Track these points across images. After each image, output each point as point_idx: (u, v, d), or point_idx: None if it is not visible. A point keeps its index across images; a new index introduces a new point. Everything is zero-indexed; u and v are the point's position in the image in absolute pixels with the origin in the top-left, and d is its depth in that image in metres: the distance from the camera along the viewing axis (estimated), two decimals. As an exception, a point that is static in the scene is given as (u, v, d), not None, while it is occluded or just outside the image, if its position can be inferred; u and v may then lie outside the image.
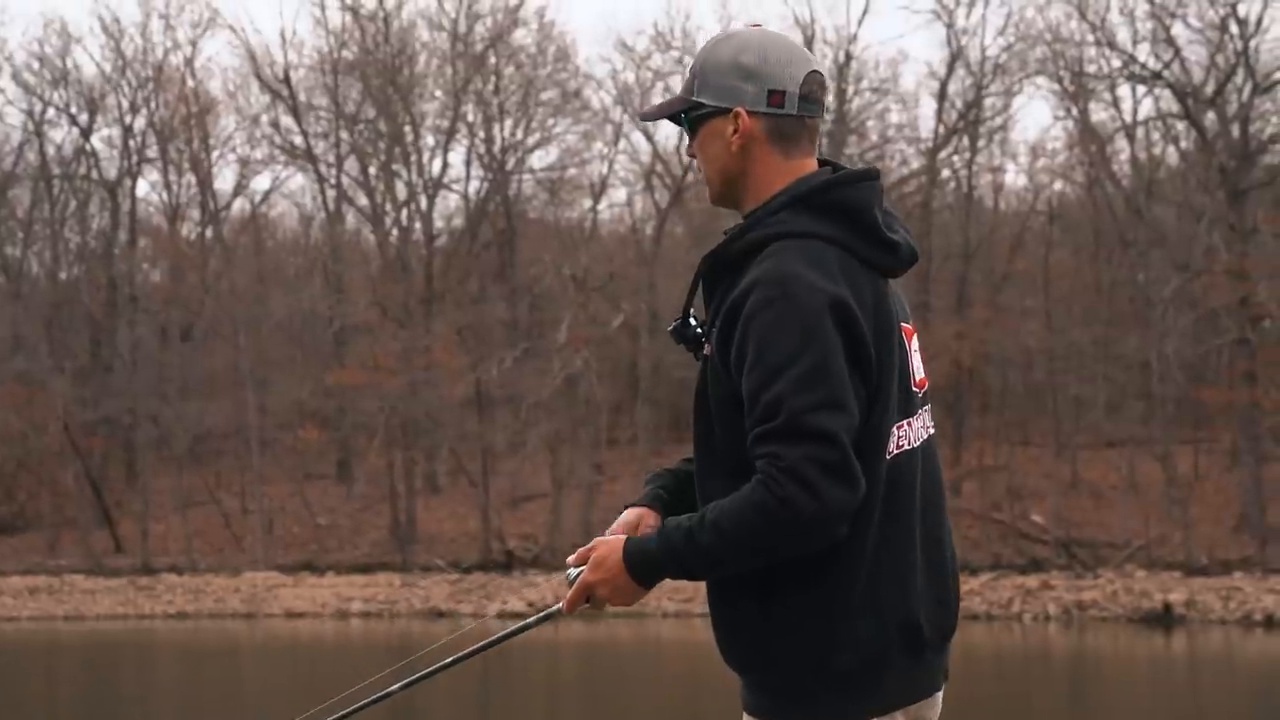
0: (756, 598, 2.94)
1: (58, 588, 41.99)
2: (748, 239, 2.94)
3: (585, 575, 2.98)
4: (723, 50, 3.02)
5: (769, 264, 2.87)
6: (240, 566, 42.76)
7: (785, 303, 2.83)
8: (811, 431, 2.79)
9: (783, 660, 2.93)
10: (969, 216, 45.66)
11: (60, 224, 52.21)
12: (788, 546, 2.84)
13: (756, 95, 2.98)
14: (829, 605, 2.92)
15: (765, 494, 2.80)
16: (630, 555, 2.93)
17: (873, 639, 2.93)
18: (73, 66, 51.20)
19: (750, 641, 2.97)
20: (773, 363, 2.82)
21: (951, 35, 44.76)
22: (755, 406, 2.84)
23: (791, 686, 2.94)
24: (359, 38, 48.71)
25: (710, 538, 2.84)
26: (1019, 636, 33.03)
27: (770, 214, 2.96)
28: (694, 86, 3.03)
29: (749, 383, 2.85)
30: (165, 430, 45.94)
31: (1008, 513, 39.99)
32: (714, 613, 3.03)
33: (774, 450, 2.80)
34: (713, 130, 3.02)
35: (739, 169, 3.02)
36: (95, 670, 29.88)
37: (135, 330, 48.39)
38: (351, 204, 50.65)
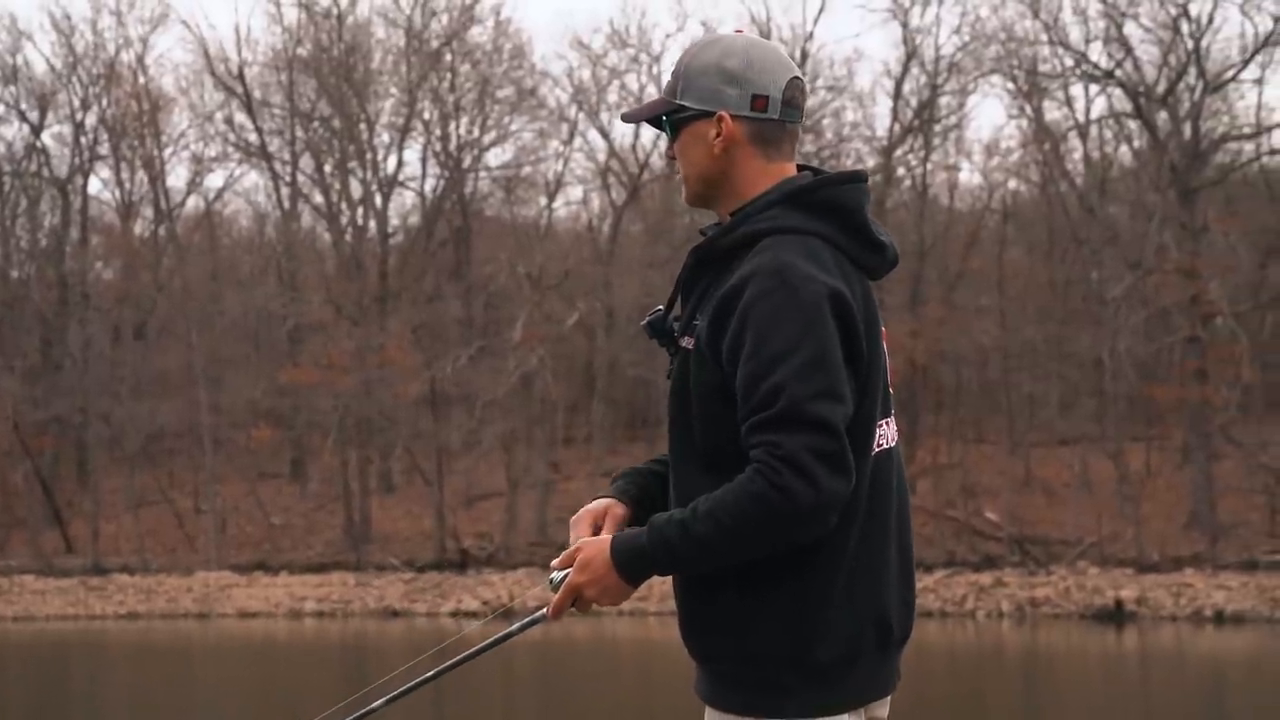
0: (734, 589, 2.93)
1: (7, 588, 41.61)
2: (739, 234, 2.97)
3: (572, 577, 2.95)
4: (706, 54, 3.04)
5: (766, 256, 2.90)
6: (193, 566, 42.49)
7: (785, 293, 2.85)
8: (810, 420, 2.81)
9: (760, 652, 2.93)
10: (923, 215, 45.81)
11: (11, 222, 51.75)
12: (785, 537, 2.84)
13: (740, 99, 3.01)
14: (810, 598, 2.92)
15: (764, 484, 2.80)
16: (619, 553, 2.91)
17: (849, 634, 2.95)
18: (23, 63, 50.80)
19: (725, 633, 2.96)
20: (772, 351, 2.83)
21: (907, 34, 44.93)
22: (753, 395, 2.84)
23: (766, 679, 2.94)
24: (314, 34, 48.50)
25: (706, 529, 2.83)
26: (972, 633, 33.14)
27: (761, 210, 2.98)
28: (677, 89, 3.06)
29: (746, 371, 2.86)
30: (117, 429, 45.60)
31: (961, 510, 40.15)
32: (685, 603, 3.02)
33: (772, 439, 2.81)
34: (695, 133, 3.04)
35: (719, 171, 3.04)
36: (45, 671, 29.62)
37: (86, 329, 48.01)
38: (307, 201, 50.42)
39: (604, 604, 2.95)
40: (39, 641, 35.54)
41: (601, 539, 2.96)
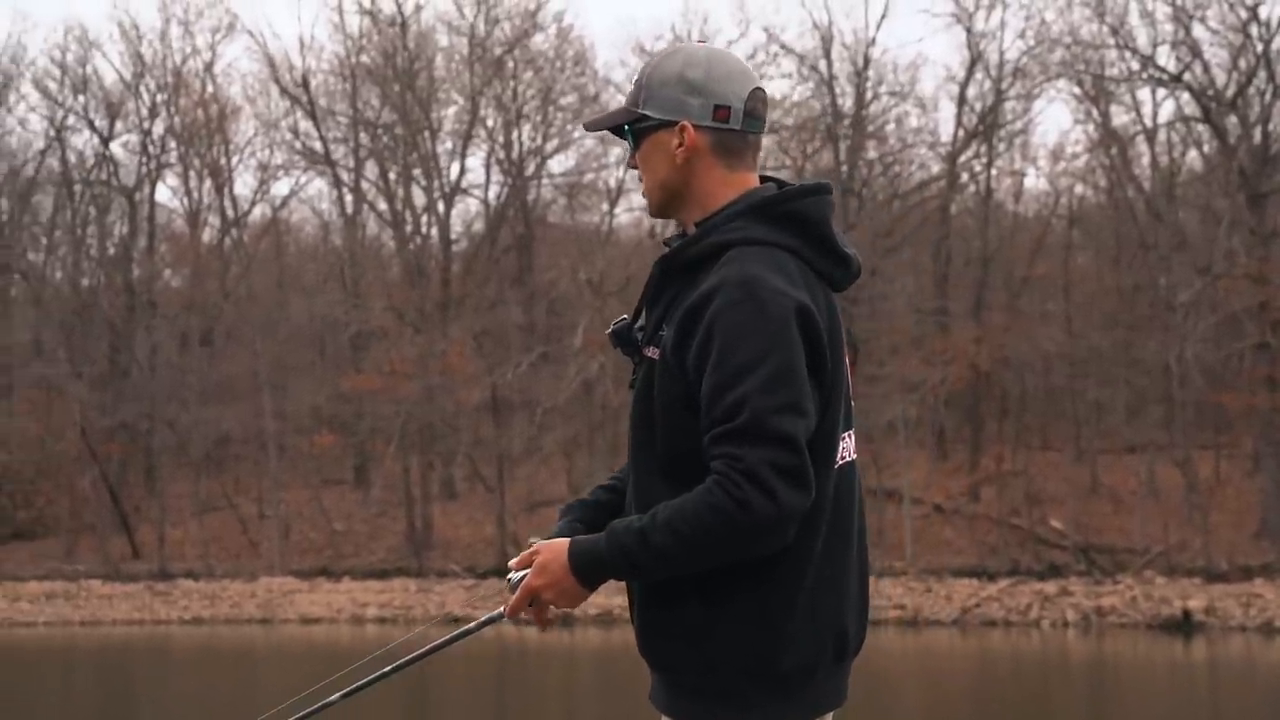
0: (697, 598, 2.93)
1: (75, 593, 42.01)
2: (704, 244, 2.97)
3: (529, 579, 2.96)
4: (669, 65, 3.04)
5: (732, 268, 2.90)
6: (257, 572, 42.74)
7: (751, 305, 2.85)
8: (772, 434, 2.81)
9: (721, 661, 2.92)
10: (988, 221, 45.45)
11: (82, 230, 52.34)
12: (742, 549, 2.84)
13: (702, 109, 3.01)
14: (772, 608, 2.92)
15: (723, 496, 2.80)
16: (576, 558, 2.92)
17: (810, 645, 2.95)
18: (93, 73, 51.44)
19: (686, 642, 2.95)
20: (737, 364, 2.83)
21: (971, 39, 44.63)
22: (715, 406, 2.84)
23: (726, 688, 2.93)
24: (377, 42, 48.75)
25: (664, 538, 2.83)
26: (1037, 642, 32.79)
27: (727, 221, 2.98)
28: (639, 99, 3.06)
29: (710, 382, 2.86)
30: (183, 436, 45.97)
31: (1026, 518, 39.76)
32: (644, 611, 3.01)
33: (734, 451, 2.81)
34: (656, 142, 3.04)
35: (681, 181, 3.04)
36: (112, 675, 29.86)
37: (154, 336, 48.44)
38: (372, 209, 50.69)
39: (560, 606, 2.96)
40: (106, 645, 35.84)
41: (559, 542, 2.97)
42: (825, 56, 45.41)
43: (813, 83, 46.22)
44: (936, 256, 45.46)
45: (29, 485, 46.77)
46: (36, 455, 46.36)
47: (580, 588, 2.93)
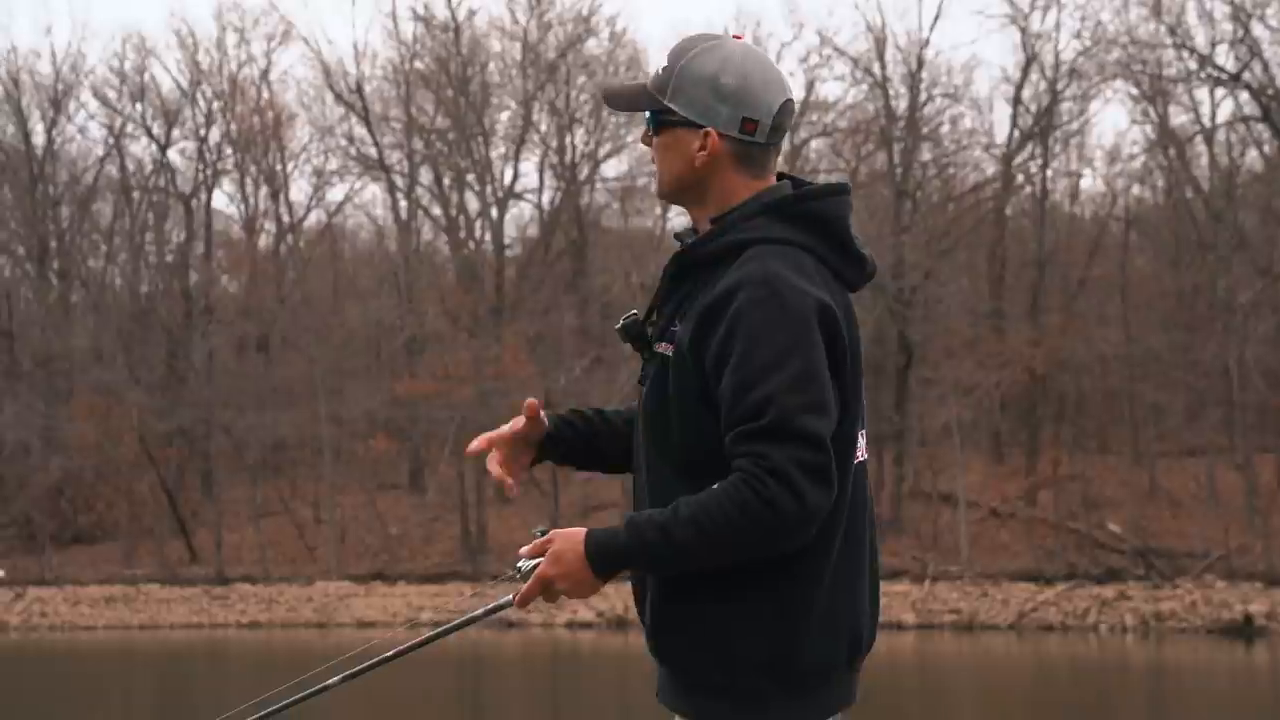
0: (715, 596, 2.92)
1: (134, 597, 42.35)
2: (723, 242, 2.96)
3: (543, 569, 2.92)
4: (704, 63, 2.99)
5: (753, 266, 2.89)
6: (312, 576, 42.94)
7: (774, 304, 2.85)
8: (799, 433, 2.80)
9: (740, 660, 2.92)
10: (1043, 222, 45.12)
11: (140, 237, 52.78)
12: (765, 547, 2.84)
13: (730, 119, 2.98)
14: (792, 607, 2.92)
15: (750, 494, 2.79)
16: (593, 548, 2.89)
17: (827, 644, 2.95)
18: (150, 81, 51.82)
19: (704, 640, 2.94)
20: (761, 362, 2.83)
21: (1026, 39, 44.34)
22: (739, 404, 2.84)
23: (744, 687, 2.93)
24: (431, 48, 48.93)
25: (686, 534, 2.82)
26: (1095, 647, 32.51)
27: (745, 219, 2.97)
28: (667, 88, 3.01)
29: (733, 380, 2.85)
30: (239, 440, 46.24)
31: (1084, 522, 39.43)
32: (659, 609, 2.99)
33: (760, 450, 2.80)
34: (677, 138, 3.01)
35: (696, 180, 3.02)
36: (169, 679, 30.06)
37: (210, 341, 48.77)
38: (426, 214, 50.87)
39: (572, 596, 2.93)
40: (164, 649, 36.11)
41: (574, 531, 2.92)
42: (879, 59, 45.24)
43: (866, 85, 46.07)
44: (991, 259, 45.17)
45: (89, 490, 47.17)
46: (96, 460, 46.74)
47: (594, 578, 2.90)
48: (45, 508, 46.03)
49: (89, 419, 45.91)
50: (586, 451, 3.25)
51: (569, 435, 3.22)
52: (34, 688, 27.60)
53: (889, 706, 24.05)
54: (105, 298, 52.78)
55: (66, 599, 42.68)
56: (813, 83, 46.98)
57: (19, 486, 47.37)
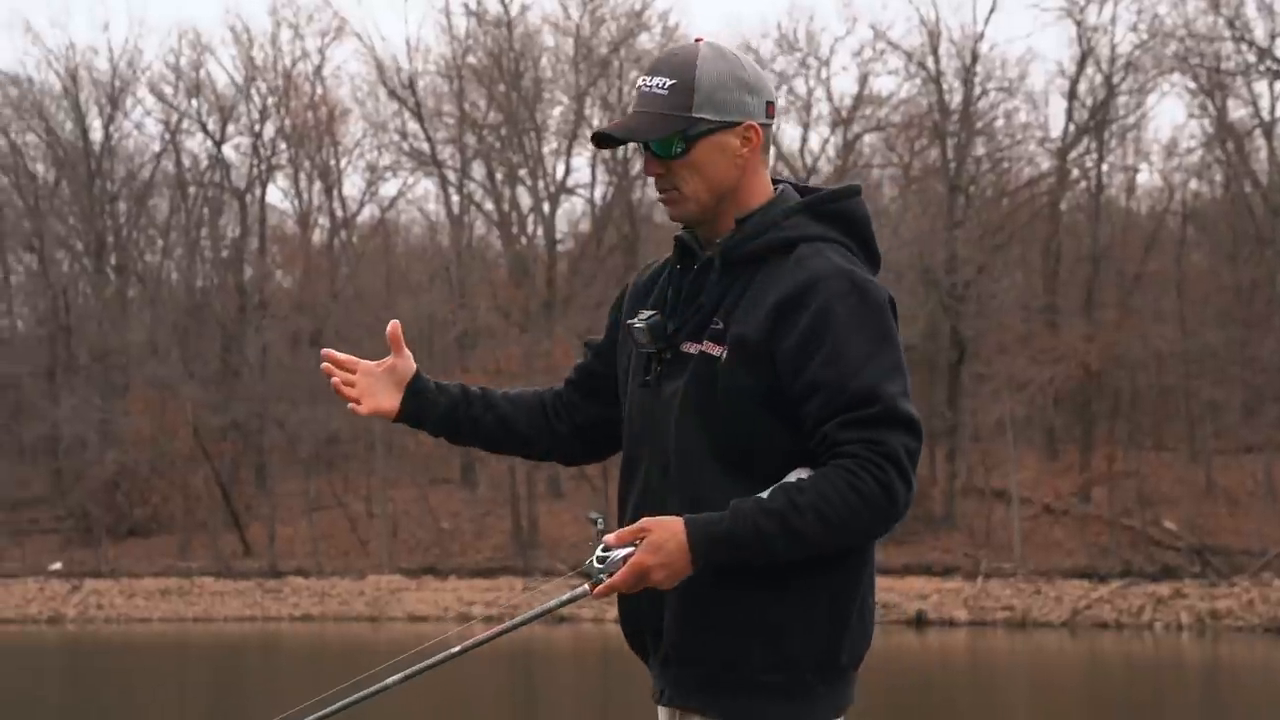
0: (768, 593, 2.91)
1: (188, 590, 42.65)
2: (768, 239, 2.98)
3: (643, 557, 2.85)
4: (717, 65, 3.01)
5: (821, 262, 2.93)
6: (365, 570, 43.12)
7: (858, 296, 2.90)
8: (906, 419, 2.87)
9: (798, 656, 2.92)
10: (1098, 217, 44.76)
11: (196, 232, 53.14)
12: (878, 532, 2.89)
13: (760, 108, 3.03)
14: (839, 601, 2.95)
15: (870, 480, 2.82)
16: (697, 536, 2.85)
17: (861, 637, 3.00)
18: (206, 77, 52.13)
19: (759, 637, 2.92)
20: (861, 352, 2.87)
21: (1081, 33, 44.01)
22: (842, 393, 2.86)
23: (796, 682, 2.93)
24: (483, 42, 49.00)
25: (807, 522, 2.82)
26: (1150, 646, 32.25)
27: (784, 217, 3.00)
28: (690, 103, 2.99)
29: (830, 372, 2.87)
30: (293, 434, 46.48)
31: (1138, 519, 39.10)
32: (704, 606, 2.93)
33: (874, 436, 2.84)
34: (716, 145, 3.01)
35: (734, 182, 3.03)
36: (223, 671, 30.25)
37: (264, 336, 49.05)
38: (478, 209, 50.97)
39: (665, 586, 2.88)
40: (218, 642, 36.34)
41: (669, 520, 2.87)
42: (933, 53, 45.00)
43: (920, 79, 45.84)
44: (1046, 254, 44.86)
45: (144, 484, 47.52)
46: (151, 454, 47.10)
47: (690, 567, 2.86)
48: (101, 501, 46.42)
49: (145, 413, 46.27)
50: (450, 410, 3.29)
51: (432, 388, 3.28)
52: (91, 680, 27.85)
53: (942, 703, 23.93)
54: (161, 293, 53.17)
55: (122, 591, 43.04)
56: (866, 77, 46.84)
57: (76, 480, 47.80)
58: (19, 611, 42.21)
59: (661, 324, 3.02)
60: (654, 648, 3.03)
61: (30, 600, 43.04)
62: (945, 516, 41.15)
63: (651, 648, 3.04)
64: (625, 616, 3.09)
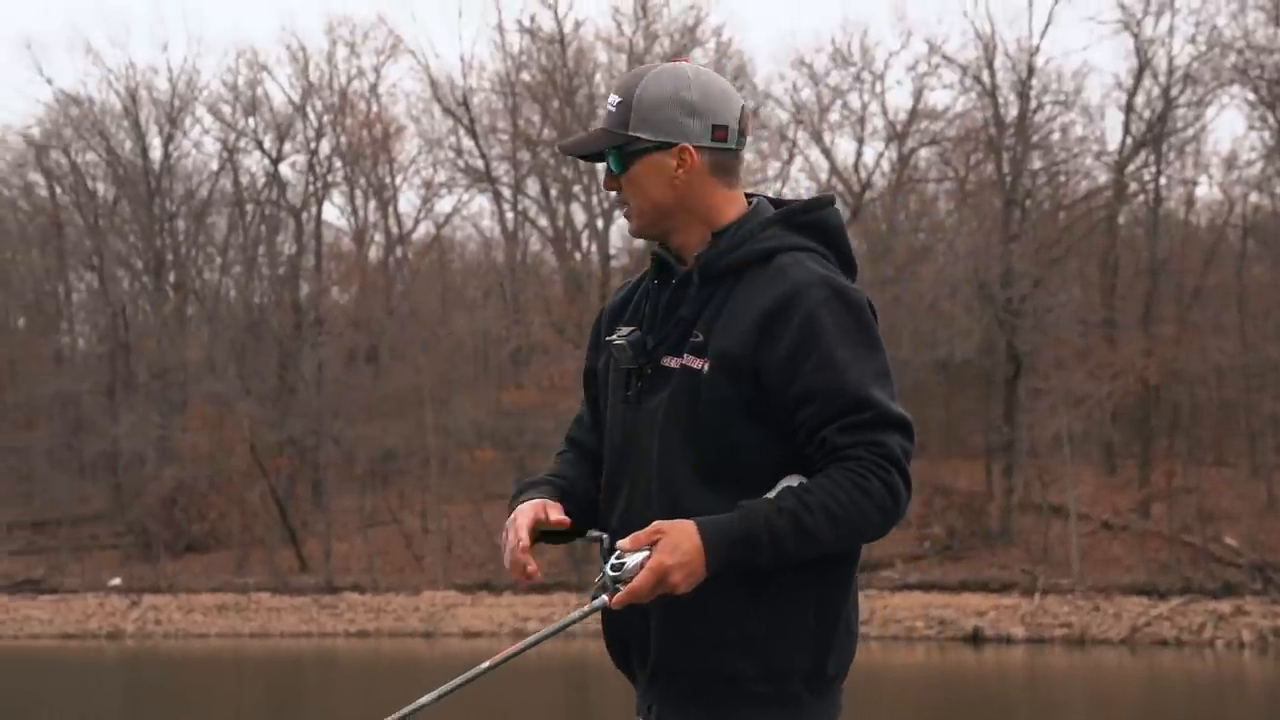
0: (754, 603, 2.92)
1: (245, 605, 42.88)
2: (746, 251, 3.00)
3: (662, 559, 2.82)
4: (660, 85, 3.03)
5: (803, 270, 2.95)
6: (420, 586, 43.20)
7: (841, 304, 2.93)
8: (901, 421, 2.91)
9: (785, 668, 2.93)
10: (1157, 231, 44.38)
11: (253, 249, 53.52)
12: (879, 533, 2.91)
13: (701, 131, 3.02)
14: (828, 612, 2.96)
15: (876, 481, 2.85)
16: (713, 537, 2.84)
17: (847, 649, 3.01)
18: (263, 95, 52.52)
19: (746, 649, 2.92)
20: (850, 357, 2.90)
21: (1139, 45, 43.67)
22: (835, 401, 2.89)
23: (785, 694, 2.94)
24: (537, 59, 49.15)
25: (817, 522, 2.84)
26: (1211, 663, 31.88)
27: (761, 229, 3.03)
28: (629, 120, 3.03)
29: (821, 379, 2.89)
30: (348, 450, 46.66)
31: (1199, 535, 38.67)
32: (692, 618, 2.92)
33: (876, 438, 2.87)
34: (651, 164, 3.03)
35: (675, 202, 3.04)
36: (279, 687, 30.36)
37: (320, 352, 49.30)
38: (533, 225, 51.09)
39: (683, 589, 2.84)
40: (274, 657, 36.50)
41: (683, 523, 2.85)
42: (988, 66, 44.77)
43: (975, 93, 45.61)
44: (1103, 267, 44.52)
45: (202, 499, 47.84)
46: (209, 470, 47.42)
47: (705, 569, 2.84)
48: (160, 517, 46.75)
49: (202, 429, 46.61)
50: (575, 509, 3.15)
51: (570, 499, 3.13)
52: (149, 695, 28.01)
53: (999, 721, 23.73)
54: (219, 310, 53.57)
55: (180, 606, 43.33)
56: (921, 91, 46.67)
57: (135, 496, 48.18)
58: (79, 626, 42.58)
59: (641, 340, 3.04)
60: (640, 663, 3.02)
61: (90, 615, 43.41)
62: (1002, 532, 40.85)
63: (638, 663, 3.03)
64: (610, 633, 3.06)
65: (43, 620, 43.31)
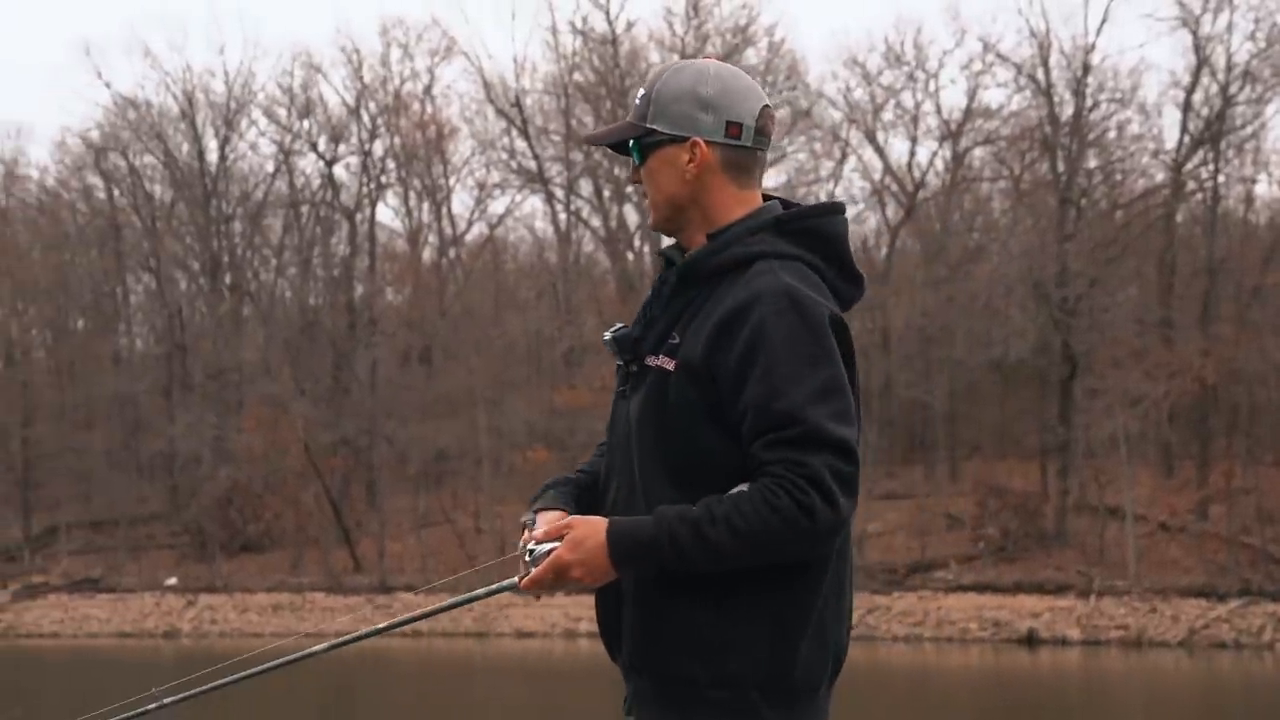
0: (714, 608, 2.93)
1: (300, 605, 43.09)
2: (728, 255, 3.00)
3: (561, 553, 2.92)
4: (679, 80, 3.06)
5: (768, 279, 2.94)
6: (474, 585, 43.19)
7: (796, 315, 2.90)
8: (833, 441, 2.86)
9: (738, 675, 2.92)
10: (1214, 229, 43.94)
11: (308, 250, 53.81)
12: (794, 552, 2.88)
13: (715, 126, 3.04)
14: (790, 623, 2.94)
15: (788, 499, 2.83)
16: (616, 538, 2.90)
17: (817, 661, 2.97)
18: (317, 97, 52.77)
19: (702, 654, 2.93)
20: (790, 372, 2.88)
21: (1197, 42, 43.24)
22: (768, 413, 2.87)
23: (740, 701, 2.92)
24: (589, 60, 49.18)
25: (720, 535, 2.84)
26: (1271, 666, 31.52)
27: (749, 234, 3.02)
28: (647, 114, 3.07)
29: (759, 390, 2.89)
30: (401, 451, 46.81)
31: (1258, 536, 38.26)
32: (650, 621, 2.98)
33: (796, 457, 2.84)
34: (665, 157, 3.06)
35: (689, 197, 3.06)
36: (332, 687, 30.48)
37: (374, 353, 49.51)
38: (586, 225, 51.12)
39: (584, 583, 2.93)
40: (329, 657, 36.53)
41: (595, 519, 2.93)
42: (1043, 64, 44.47)
43: (1030, 92, 45.31)
44: (1160, 267, 44.13)
45: (257, 500, 48.11)
46: (264, 470, 47.69)
47: (610, 569, 2.90)
48: (215, 517, 47.06)
49: (257, 430, 46.85)
50: None
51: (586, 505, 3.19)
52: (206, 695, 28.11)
53: (1054, 724, 23.55)
54: (274, 311, 53.88)
55: (235, 606, 43.60)
56: (975, 90, 46.42)
57: (191, 496, 48.52)
58: (136, 625, 42.94)
59: (628, 336, 3.08)
60: (618, 657, 3.09)
61: (147, 615, 43.76)
62: (1057, 534, 40.55)
63: (619, 657, 3.09)
64: (598, 625, 3.13)
65: (101, 619, 43.71)
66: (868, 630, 36.82)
